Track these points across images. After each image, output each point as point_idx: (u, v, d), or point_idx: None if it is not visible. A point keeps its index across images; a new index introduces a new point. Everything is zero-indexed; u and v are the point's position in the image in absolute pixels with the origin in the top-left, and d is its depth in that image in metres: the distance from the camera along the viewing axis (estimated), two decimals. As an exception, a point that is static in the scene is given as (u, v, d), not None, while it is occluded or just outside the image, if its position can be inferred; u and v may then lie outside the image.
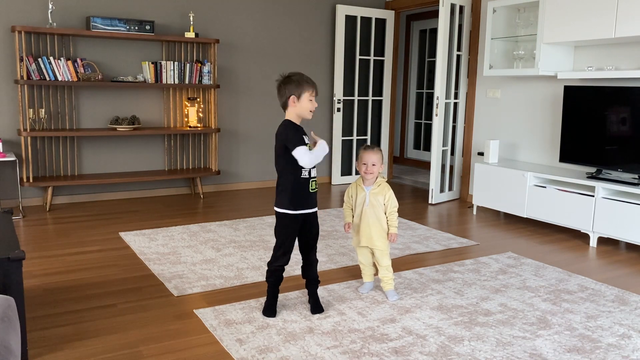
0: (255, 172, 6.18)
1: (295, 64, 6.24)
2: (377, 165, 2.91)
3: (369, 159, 2.91)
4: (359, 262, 3.11)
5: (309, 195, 2.67)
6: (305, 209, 2.67)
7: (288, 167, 2.63)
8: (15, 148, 4.92)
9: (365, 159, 2.92)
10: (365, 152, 2.93)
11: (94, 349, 2.39)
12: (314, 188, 2.69)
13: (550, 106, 4.95)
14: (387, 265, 3.01)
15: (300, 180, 2.63)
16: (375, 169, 2.91)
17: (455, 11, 5.50)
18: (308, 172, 2.65)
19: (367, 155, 2.92)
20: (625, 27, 3.94)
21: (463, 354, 2.40)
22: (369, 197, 2.93)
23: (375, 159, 2.91)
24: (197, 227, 4.39)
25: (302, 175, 2.63)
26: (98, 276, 3.28)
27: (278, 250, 2.70)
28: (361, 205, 2.96)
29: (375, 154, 2.92)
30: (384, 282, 3.04)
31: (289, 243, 2.69)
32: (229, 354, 2.36)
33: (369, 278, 3.11)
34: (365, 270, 3.10)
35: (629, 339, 2.58)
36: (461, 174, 5.94)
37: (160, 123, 5.57)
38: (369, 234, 2.96)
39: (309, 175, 2.65)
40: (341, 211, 5.10)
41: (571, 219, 4.30)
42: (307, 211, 2.68)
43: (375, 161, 2.91)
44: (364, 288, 3.10)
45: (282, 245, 2.69)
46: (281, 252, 2.69)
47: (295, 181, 2.63)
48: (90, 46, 5.14)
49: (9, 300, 1.70)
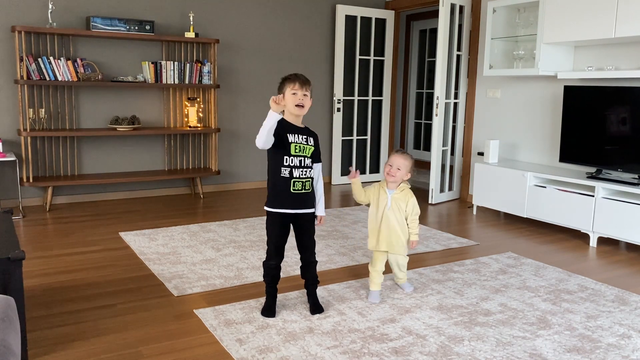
0: (255, 172, 6.18)
1: (295, 64, 6.24)
2: (402, 170, 2.86)
3: (395, 162, 2.87)
4: (372, 269, 2.97)
5: (290, 195, 2.62)
6: (286, 208, 2.64)
7: (270, 165, 2.65)
8: (15, 148, 4.92)
9: (391, 161, 2.89)
10: (395, 154, 2.91)
11: (94, 349, 2.39)
12: (297, 189, 2.62)
13: (550, 106, 4.95)
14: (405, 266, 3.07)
15: (279, 179, 2.62)
16: (398, 174, 2.86)
17: (455, 11, 5.50)
18: (289, 172, 2.60)
19: (394, 157, 2.89)
20: (625, 27, 3.94)
21: (463, 354, 2.40)
22: (391, 201, 2.89)
23: (402, 163, 2.86)
24: (197, 227, 4.39)
25: (281, 174, 2.61)
26: (98, 276, 3.28)
27: (268, 248, 2.72)
28: (382, 208, 2.91)
29: (402, 159, 2.87)
30: (399, 278, 3.10)
31: (275, 241, 2.68)
32: (229, 354, 2.36)
33: (377, 287, 2.98)
34: (375, 277, 2.96)
35: (629, 339, 2.58)
36: (461, 174, 5.94)
37: (160, 123, 5.57)
38: (390, 239, 2.92)
39: (290, 175, 2.61)
40: (341, 211, 5.09)
41: (571, 219, 4.30)
42: (287, 211, 2.64)
43: (401, 166, 2.86)
44: (374, 297, 2.95)
45: (269, 243, 2.70)
46: (269, 250, 2.71)
47: (274, 179, 2.63)
48: (90, 46, 5.14)
49: (9, 300, 1.70)
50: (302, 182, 2.63)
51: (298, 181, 2.62)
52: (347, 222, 4.70)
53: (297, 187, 2.62)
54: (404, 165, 2.86)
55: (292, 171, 2.60)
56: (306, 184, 2.65)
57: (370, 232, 2.99)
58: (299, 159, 2.62)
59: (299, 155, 2.61)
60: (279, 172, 2.61)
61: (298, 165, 2.61)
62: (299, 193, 2.64)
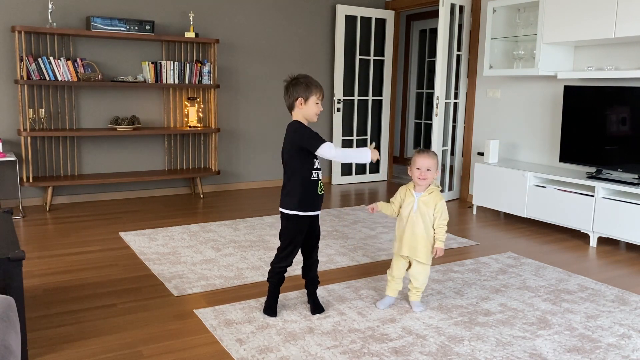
0: (255, 172, 6.18)
1: (295, 64, 6.24)
2: (432, 170, 2.70)
3: (424, 163, 2.69)
4: (390, 273, 2.84)
5: (317, 197, 2.67)
6: (314, 210, 2.68)
7: (301, 168, 2.61)
8: (15, 148, 4.92)
9: (420, 163, 2.70)
10: (420, 155, 2.72)
11: (94, 349, 2.39)
12: (321, 190, 2.69)
13: (550, 106, 4.95)
14: (424, 281, 2.81)
15: (310, 182, 2.63)
16: (430, 175, 2.70)
17: (455, 11, 5.50)
18: (317, 175, 2.65)
19: (421, 159, 2.70)
20: (625, 27, 3.94)
21: (463, 354, 2.40)
22: (418, 204, 2.73)
23: (431, 163, 2.69)
24: (197, 227, 4.39)
25: (311, 177, 2.63)
26: (98, 276, 3.28)
27: (283, 252, 2.69)
28: (408, 211, 2.75)
29: (431, 158, 2.70)
30: (412, 292, 2.85)
31: (295, 244, 2.68)
32: (229, 354, 2.36)
33: (393, 293, 2.85)
34: (392, 283, 2.83)
35: (629, 339, 2.58)
36: (461, 174, 5.94)
37: (160, 123, 5.57)
38: (413, 244, 2.74)
39: (317, 177, 2.66)
40: (341, 211, 5.09)
41: (571, 219, 4.30)
42: (314, 213, 2.68)
43: (431, 166, 2.69)
44: (383, 303, 2.85)
45: (288, 247, 2.68)
46: (286, 254, 2.68)
47: (305, 183, 2.62)
48: (90, 46, 5.14)
49: (9, 300, 1.70)
50: (321, 184, 2.70)
51: (321, 182, 2.70)
52: (347, 222, 4.70)
53: (321, 188, 2.69)
54: (433, 165, 2.70)
55: (318, 174, 2.66)
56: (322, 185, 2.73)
57: (396, 236, 2.84)
58: (317, 162, 2.68)
59: (317, 158, 2.67)
60: (309, 175, 2.63)
61: (318, 167, 2.68)
62: (322, 195, 2.71)
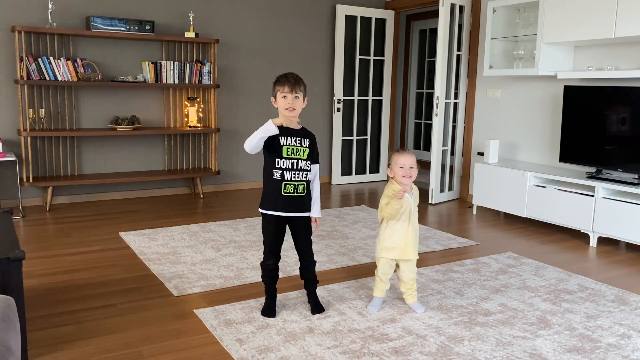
0: (255, 172, 6.18)
1: (295, 64, 6.24)
2: (414, 167, 2.68)
3: (407, 162, 2.67)
4: (378, 274, 2.80)
5: (280, 197, 2.61)
6: (277, 211, 2.63)
7: (266, 167, 2.65)
8: (15, 148, 4.92)
9: (402, 162, 2.67)
10: (401, 154, 2.69)
11: (94, 349, 2.39)
12: (288, 192, 2.60)
13: (550, 106, 4.95)
14: (413, 276, 2.80)
15: (271, 182, 2.62)
16: (414, 172, 2.68)
17: (455, 11, 5.50)
18: (280, 175, 2.59)
19: (403, 157, 2.68)
20: (625, 27, 3.94)
21: (463, 354, 2.40)
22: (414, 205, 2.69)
23: (413, 161, 2.68)
24: (197, 227, 4.39)
25: (272, 177, 2.61)
26: (98, 276, 3.28)
27: (264, 249, 2.72)
28: (407, 213, 2.70)
29: (410, 156, 2.68)
30: (408, 294, 2.83)
31: (269, 242, 2.69)
32: (229, 354, 2.36)
33: (382, 293, 2.84)
34: (381, 284, 2.82)
35: (629, 339, 2.58)
36: (461, 174, 5.94)
37: (160, 123, 5.57)
38: (403, 246, 2.72)
39: (281, 177, 2.59)
40: (341, 211, 5.09)
41: (571, 219, 4.30)
42: (279, 213, 2.63)
43: (413, 164, 2.68)
44: (374, 305, 2.83)
45: (265, 245, 2.71)
46: (265, 251, 2.72)
47: (268, 181, 2.64)
48: (90, 46, 5.14)
49: (9, 300, 1.70)
50: (293, 185, 2.61)
51: (289, 184, 2.60)
52: (347, 222, 4.70)
53: (289, 189, 2.61)
54: (414, 162, 2.69)
55: (283, 174, 2.59)
56: (299, 187, 2.63)
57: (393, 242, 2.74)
58: (291, 162, 2.60)
59: (291, 158, 2.60)
60: (271, 174, 2.61)
61: (290, 167, 2.60)
62: (290, 196, 2.62)
